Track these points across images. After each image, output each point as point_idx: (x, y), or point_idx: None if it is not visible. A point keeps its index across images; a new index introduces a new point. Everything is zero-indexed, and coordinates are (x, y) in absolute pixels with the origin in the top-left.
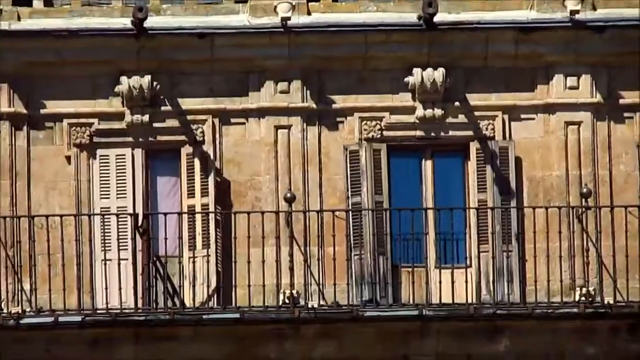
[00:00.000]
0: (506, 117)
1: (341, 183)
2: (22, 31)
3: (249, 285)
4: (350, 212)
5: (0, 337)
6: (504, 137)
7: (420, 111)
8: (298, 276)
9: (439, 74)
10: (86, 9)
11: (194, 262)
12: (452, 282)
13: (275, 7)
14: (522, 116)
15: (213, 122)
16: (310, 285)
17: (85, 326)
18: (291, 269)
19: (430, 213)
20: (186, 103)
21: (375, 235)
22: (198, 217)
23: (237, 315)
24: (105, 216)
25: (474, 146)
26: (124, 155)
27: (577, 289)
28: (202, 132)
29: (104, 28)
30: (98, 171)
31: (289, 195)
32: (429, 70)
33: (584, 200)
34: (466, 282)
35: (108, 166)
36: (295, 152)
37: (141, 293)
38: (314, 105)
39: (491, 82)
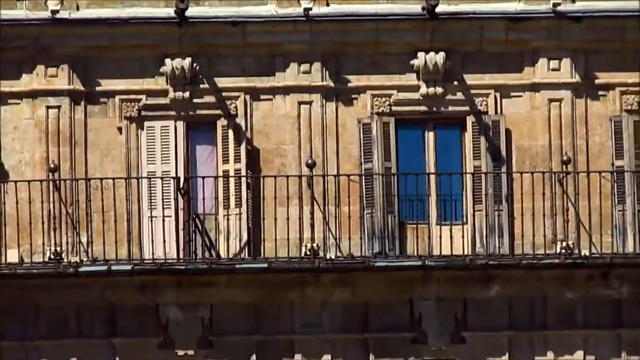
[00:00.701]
0: (498, 94)
1: (355, 151)
2: (80, 19)
3: (275, 239)
4: (363, 176)
5: (61, 283)
6: (496, 112)
7: (423, 89)
8: (318, 231)
9: (440, 57)
10: (135, 1)
11: (227, 219)
12: (451, 237)
13: None
14: (512, 94)
15: (245, 98)
16: (329, 239)
17: (134, 274)
18: (312, 225)
19: (432, 177)
20: (222, 82)
21: (385, 197)
22: (232, 180)
23: (265, 265)
24: (152, 179)
25: (470, 120)
26: (168, 126)
27: (558, 242)
28: (235, 107)
29: (150, 16)
30: (145, 140)
31: (310, 161)
32: (432, 54)
33: (564, 166)
34: (463, 237)
35: (154, 136)
36: (316, 124)
37: (182, 246)
38: (332, 84)
39: (485, 65)
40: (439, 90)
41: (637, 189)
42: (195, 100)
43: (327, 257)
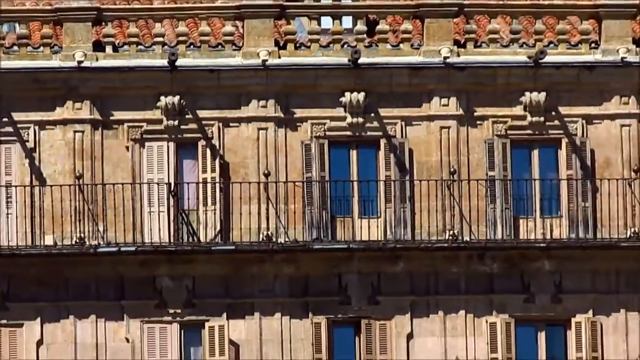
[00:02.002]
0: (403, 123)
1: (299, 164)
2: (99, 67)
3: (240, 229)
4: (304, 182)
5: (84, 260)
6: (402, 136)
7: (349, 119)
8: (271, 223)
9: (361, 96)
10: (139, 54)
11: (206, 214)
12: (369, 227)
13: (258, 53)
14: (413, 123)
15: (219, 126)
16: (279, 228)
17: (137, 254)
18: (267, 218)
19: (355, 184)
20: (202, 113)
21: (320, 198)
22: (209, 185)
23: (233, 247)
24: (150, 184)
25: (383, 142)
26: (162, 146)
27: (447, 231)
28: (212, 131)
29: (150, 66)
30: (146, 156)
31: (266, 172)
32: (355, 93)
33: (451, 175)
34: (377, 227)
35: (152, 153)
36: (270, 144)
37: (172, 233)
38: (282, 115)
39: (394, 101)
40: (360, 120)
41: (503, 192)
42: (182, 127)
43: (278, 241)
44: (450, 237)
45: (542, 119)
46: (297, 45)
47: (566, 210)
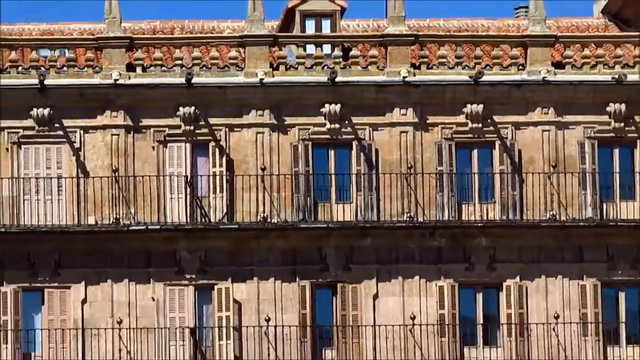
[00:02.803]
0: (371, 129)
1: (288, 161)
2: (131, 84)
3: (242, 211)
4: (293, 175)
5: (119, 237)
6: (370, 139)
7: (328, 125)
8: (267, 207)
9: (338, 107)
10: (162, 73)
11: (215, 200)
12: (344, 211)
13: (257, 73)
14: (379, 128)
15: (226, 130)
16: (273, 211)
17: (161, 231)
18: (264, 203)
19: (333, 177)
20: (212, 120)
21: (306, 187)
22: (217, 177)
23: (237, 226)
24: (171, 177)
25: (355, 143)
26: (181, 146)
27: (405, 214)
28: (220, 135)
29: (172, 83)
30: (168, 154)
31: (262, 167)
32: (333, 105)
33: (409, 170)
34: (350, 210)
35: (173, 151)
36: (266, 146)
37: (189, 214)
38: (275, 122)
39: (364, 112)
40: (337, 126)
41: (449, 184)
42: (197, 131)
43: (272, 222)
44: (408, 219)
45: (480, 125)
46: (287, 67)
47: (499, 197)
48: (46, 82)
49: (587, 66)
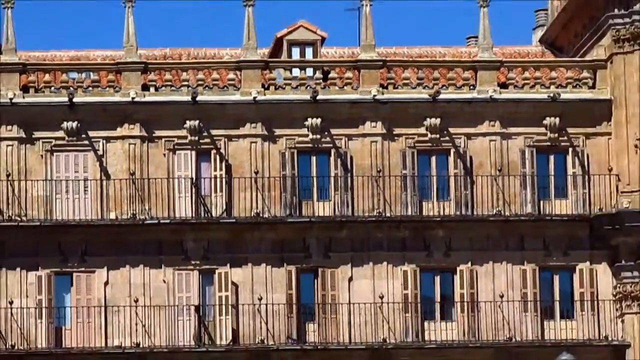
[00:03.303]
0: (347, 139)
1: (278, 166)
2: (146, 101)
3: (239, 208)
4: (281, 177)
5: (135, 229)
6: (346, 147)
7: (311, 136)
8: (260, 204)
9: (318, 120)
10: (172, 92)
11: (216, 198)
12: (324, 207)
13: (251, 92)
14: (354, 138)
15: (225, 140)
16: (264, 208)
17: (171, 224)
18: (257, 201)
19: (315, 179)
20: (214, 132)
21: (291, 187)
22: (218, 179)
23: (234, 220)
24: (179, 179)
25: (333, 151)
26: (187, 153)
27: (375, 210)
28: (220, 144)
29: (179, 100)
30: (176, 160)
31: (256, 171)
32: (314, 119)
33: (378, 173)
34: (329, 207)
35: (181, 158)
36: (259, 153)
37: (194, 210)
38: (267, 133)
39: (341, 125)
40: (318, 136)
41: (412, 184)
42: (201, 141)
43: (264, 216)
44: (377, 214)
45: (437, 136)
46: (276, 87)
47: (453, 196)
48: (74, 99)
49: (527, 86)
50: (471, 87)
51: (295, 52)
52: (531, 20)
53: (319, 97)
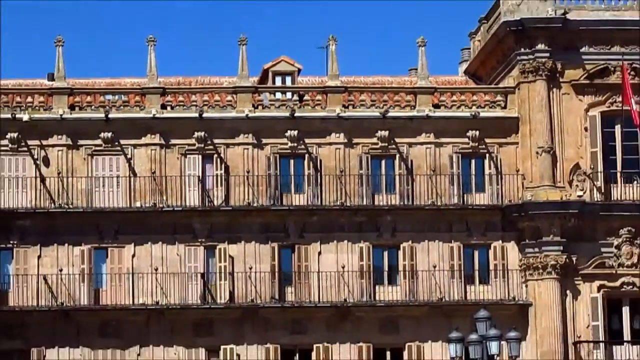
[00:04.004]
0: (317, 147)
1: (264, 168)
2: (164, 117)
3: (235, 199)
4: (267, 176)
5: (155, 214)
6: (316, 153)
7: (289, 145)
8: (251, 196)
9: (295, 132)
10: (184, 110)
11: (219, 192)
12: (299, 199)
13: (244, 110)
14: (322, 146)
15: (224, 147)
16: (254, 198)
17: (183, 211)
18: (248, 194)
19: (293, 177)
20: (215, 141)
21: (275, 184)
22: (218, 177)
23: (231, 208)
24: (190, 176)
25: (307, 155)
26: (196, 157)
27: (340, 200)
28: (221, 150)
29: (189, 116)
30: (187, 162)
31: (247, 170)
32: (293, 131)
33: (341, 173)
34: (304, 199)
35: (191, 161)
36: (250, 157)
37: (200, 201)
38: (256, 142)
39: (313, 135)
40: (295, 144)
41: (366, 182)
42: (206, 148)
43: (254, 205)
44: (340, 204)
45: (386, 144)
46: (263, 107)
47: (398, 190)
48: (109, 115)
49: (454, 107)
50: (412, 107)
51: (278, 80)
52: (458, 56)
53: (296, 114)
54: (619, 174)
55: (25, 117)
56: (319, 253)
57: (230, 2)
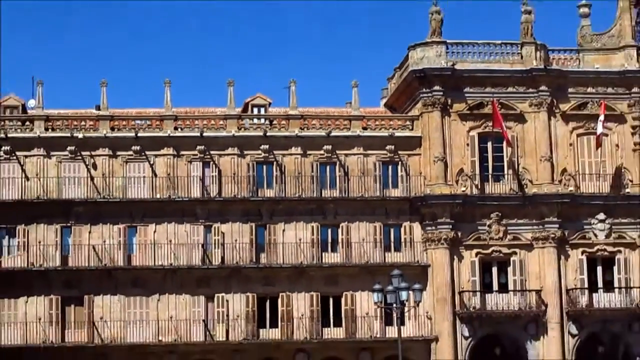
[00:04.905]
0: (282, 156)
1: (246, 171)
2: (175, 136)
3: (226, 194)
4: (247, 177)
5: (169, 203)
6: (282, 161)
7: (264, 155)
8: (237, 191)
9: (267, 146)
10: (190, 131)
11: (214, 187)
12: (271, 193)
13: (232, 131)
14: (286, 156)
15: (217, 156)
16: (238, 192)
17: (190, 201)
18: (235, 190)
19: (265, 178)
20: (212, 152)
21: (254, 184)
22: (214, 177)
23: (222, 199)
24: (193, 177)
25: (275, 163)
26: (198, 164)
27: (298, 194)
28: (216, 159)
29: (193, 135)
30: (192, 167)
31: (234, 173)
32: (266, 145)
33: (299, 174)
34: (274, 192)
35: (194, 166)
36: (235, 164)
37: (201, 194)
38: (240, 153)
39: (283, 148)
40: (267, 155)
41: (317, 181)
42: (205, 157)
43: (238, 197)
44: (298, 196)
45: (330, 155)
46: (245, 129)
47: (338, 187)
48: (138, 134)
49: (377, 129)
50: (348, 129)
51: (255, 110)
52: (379, 93)
53: (268, 134)
54: (490, 176)
55: (80, 135)
56: (283, 230)
57: (222, 50)
